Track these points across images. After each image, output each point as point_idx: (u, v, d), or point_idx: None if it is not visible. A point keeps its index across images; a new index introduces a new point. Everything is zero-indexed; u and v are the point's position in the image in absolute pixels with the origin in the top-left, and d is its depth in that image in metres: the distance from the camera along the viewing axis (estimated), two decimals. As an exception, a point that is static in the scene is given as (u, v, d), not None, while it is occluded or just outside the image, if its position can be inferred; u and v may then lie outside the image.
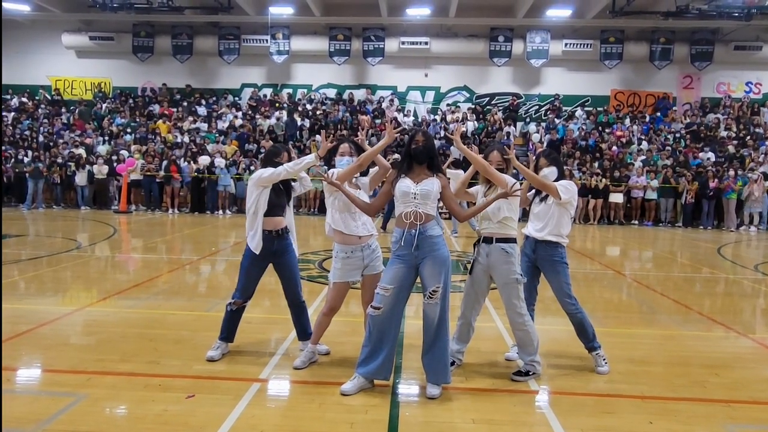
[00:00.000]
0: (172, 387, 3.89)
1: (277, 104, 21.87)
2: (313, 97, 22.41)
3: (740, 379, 4.36)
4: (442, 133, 19.39)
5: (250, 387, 3.91)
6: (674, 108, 21.84)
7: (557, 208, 4.42)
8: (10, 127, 20.18)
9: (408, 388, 4.03)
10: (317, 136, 19.53)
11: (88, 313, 5.84)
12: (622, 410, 3.74)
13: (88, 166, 17.74)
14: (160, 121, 20.84)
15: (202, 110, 21.59)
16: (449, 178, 4.10)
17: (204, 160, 17.61)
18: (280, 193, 4.53)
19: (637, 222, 17.40)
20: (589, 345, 4.48)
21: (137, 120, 21.16)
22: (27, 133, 19.93)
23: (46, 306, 6.11)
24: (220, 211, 17.36)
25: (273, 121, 20.63)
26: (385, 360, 3.91)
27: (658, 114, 21.59)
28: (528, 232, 4.56)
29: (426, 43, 21.66)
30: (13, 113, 21.15)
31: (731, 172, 16.85)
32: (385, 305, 3.87)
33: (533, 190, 4.65)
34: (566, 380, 4.25)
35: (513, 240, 4.22)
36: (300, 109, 21.52)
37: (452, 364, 4.26)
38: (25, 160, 18.05)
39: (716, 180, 16.69)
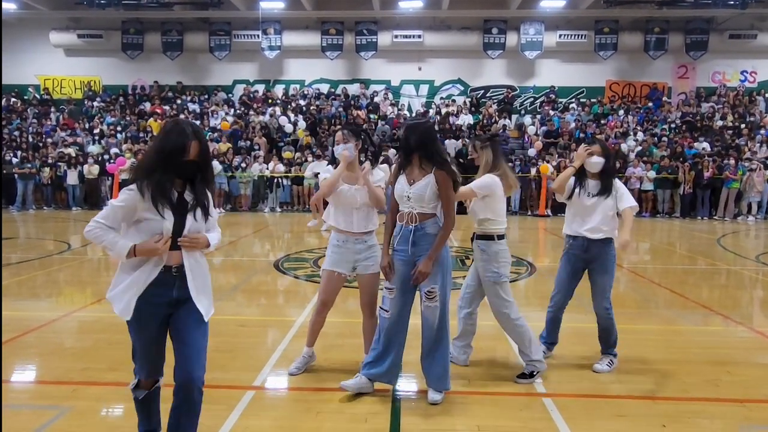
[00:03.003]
0: (161, 397, 3.69)
1: (269, 100, 21.61)
2: (306, 92, 22.17)
3: (754, 377, 4.20)
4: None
5: (244, 395, 3.73)
6: (669, 100, 21.68)
7: (606, 202, 4.14)
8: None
9: (409, 394, 3.86)
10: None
11: (75, 318, 5.64)
12: (633, 413, 3.59)
13: (78, 166, 17.49)
14: (152, 119, 20.56)
15: (194, 107, 21.31)
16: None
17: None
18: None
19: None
20: (607, 351, 4.34)
21: (127, 118, 20.88)
22: (16, 133, 19.61)
23: (33, 312, 5.90)
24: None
25: (266, 117, 20.39)
26: (391, 365, 3.74)
27: (651, 104, 21.45)
28: (577, 231, 4.21)
29: (419, 37, 21.42)
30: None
31: (731, 161, 16.71)
32: (392, 308, 3.71)
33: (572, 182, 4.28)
34: (574, 381, 4.09)
35: (491, 237, 4.06)
36: (293, 104, 21.28)
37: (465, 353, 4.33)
38: (14, 161, 17.75)
39: (710, 170, 16.56)
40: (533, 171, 17.18)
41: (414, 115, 20.67)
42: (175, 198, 2.66)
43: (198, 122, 20.37)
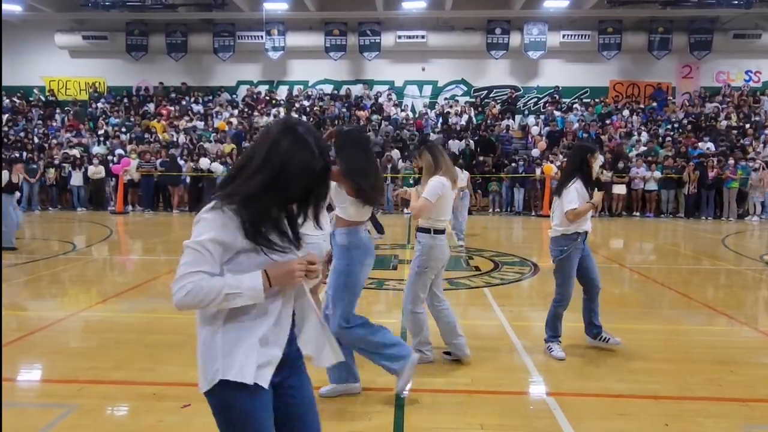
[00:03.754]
0: (168, 396, 3.73)
1: (273, 101, 21.66)
2: (309, 93, 22.22)
3: (757, 376, 4.20)
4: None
5: (249, 394, 3.75)
6: (673, 100, 21.64)
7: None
8: (4, 129, 19.96)
9: (412, 392, 3.88)
10: None
11: (81, 318, 5.68)
12: (635, 412, 3.59)
13: (83, 167, 17.56)
14: (155, 121, 20.65)
15: (198, 108, 21.39)
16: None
17: (204, 163, 17.24)
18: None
19: (638, 213, 17.24)
20: (597, 327, 4.75)
21: (132, 119, 20.96)
22: (22, 134, 19.71)
23: (39, 312, 5.95)
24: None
25: (270, 118, 20.43)
26: (339, 367, 3.61)
27: (655, 104, 21.42)
28: (583, 228, 4.66)
29: (422, 37, 21.43)
30: (7, 115, 20.94)
31: (731, 161, 16.68)
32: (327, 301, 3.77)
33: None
34: (576, 380, 4.10)
35: (428, 231, 4.23)
36: (297, 105, 21.33)
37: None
38: (20, 161, 17.83)
39: (715, 170, 16.52)
40: (537, 171, 17.17)
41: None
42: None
43: (202, 123, 20.47)
